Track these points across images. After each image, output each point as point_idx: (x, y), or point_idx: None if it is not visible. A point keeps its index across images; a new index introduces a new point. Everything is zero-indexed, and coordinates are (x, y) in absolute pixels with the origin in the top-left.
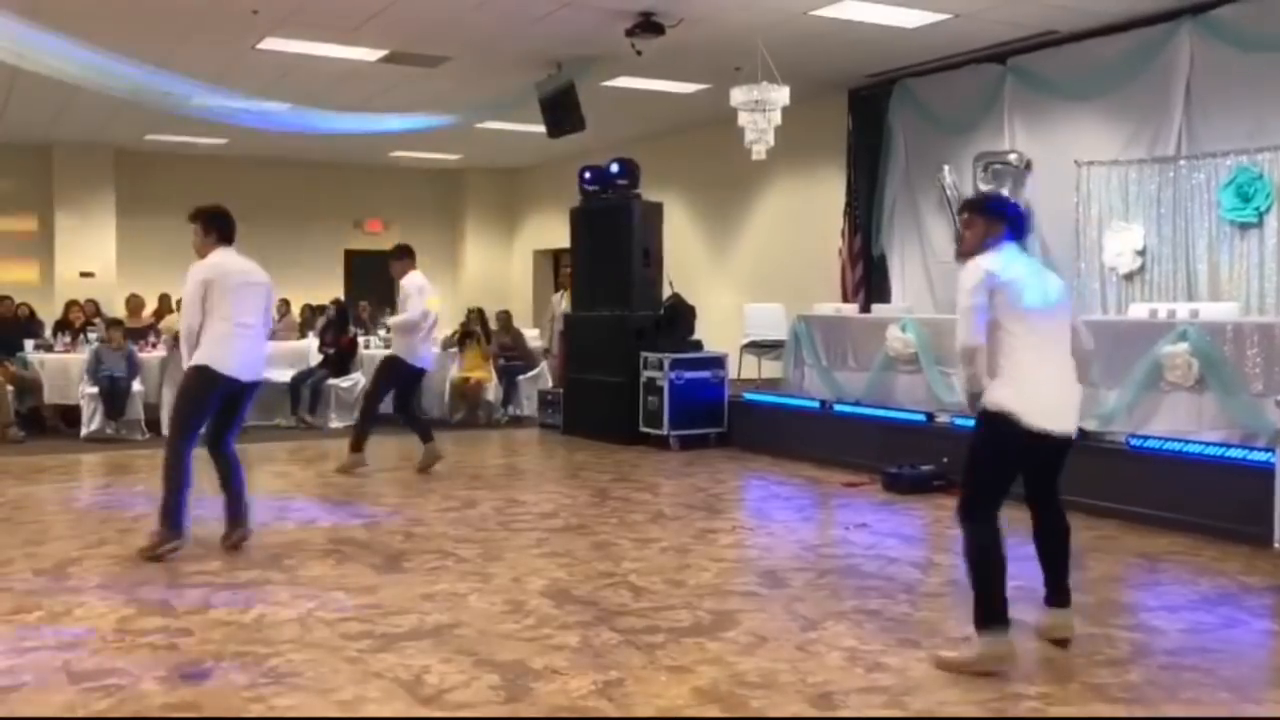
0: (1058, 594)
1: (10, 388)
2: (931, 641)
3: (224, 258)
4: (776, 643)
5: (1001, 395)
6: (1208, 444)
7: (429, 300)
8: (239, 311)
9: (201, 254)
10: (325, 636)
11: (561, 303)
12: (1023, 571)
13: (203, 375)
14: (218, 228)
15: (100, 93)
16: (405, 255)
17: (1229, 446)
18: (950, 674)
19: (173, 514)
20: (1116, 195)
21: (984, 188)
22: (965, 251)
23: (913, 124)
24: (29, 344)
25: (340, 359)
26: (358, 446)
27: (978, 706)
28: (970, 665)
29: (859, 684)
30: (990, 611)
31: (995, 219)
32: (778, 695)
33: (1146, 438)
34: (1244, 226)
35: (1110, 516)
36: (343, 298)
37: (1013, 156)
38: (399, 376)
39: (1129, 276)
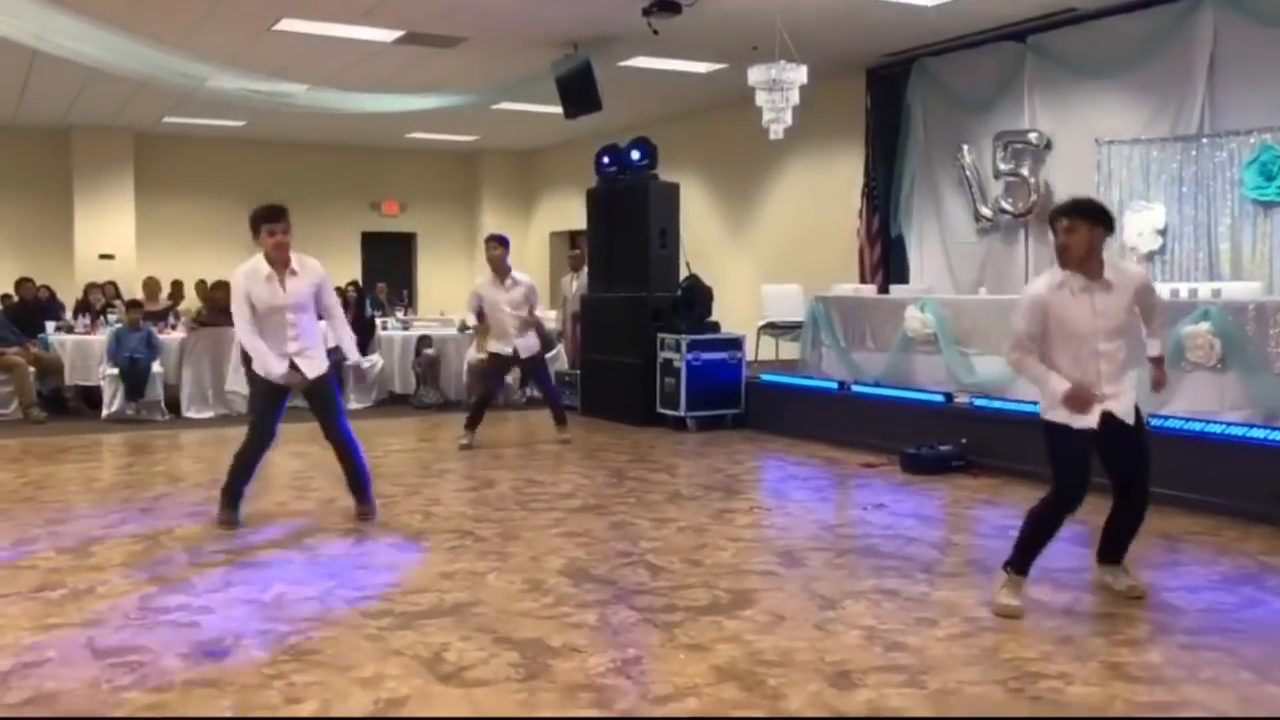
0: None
1: (32, 369)
2: (950, 621)
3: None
4: (794, 621)
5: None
6: (1229, 424)
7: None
8: None
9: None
10: (345, 614)
11: (572, 285)
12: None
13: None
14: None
15: (118, 75)
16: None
17: (1251, 426)
18: (969, 652)
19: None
20: (1138, 174)
21: (1003, 167)
22: (1076, 259)
23: (932, 103)
24: (50, 325)
25: (358, 340)
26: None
27: (996, 686)
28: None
29: (877, 663)
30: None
31: (1101, 222)
32: (796, 673)
33: (1167, 418)
34: (1267, 205)
35: None
36: (360, 280)
37: (1033, 135)
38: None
39: (1150, 256)
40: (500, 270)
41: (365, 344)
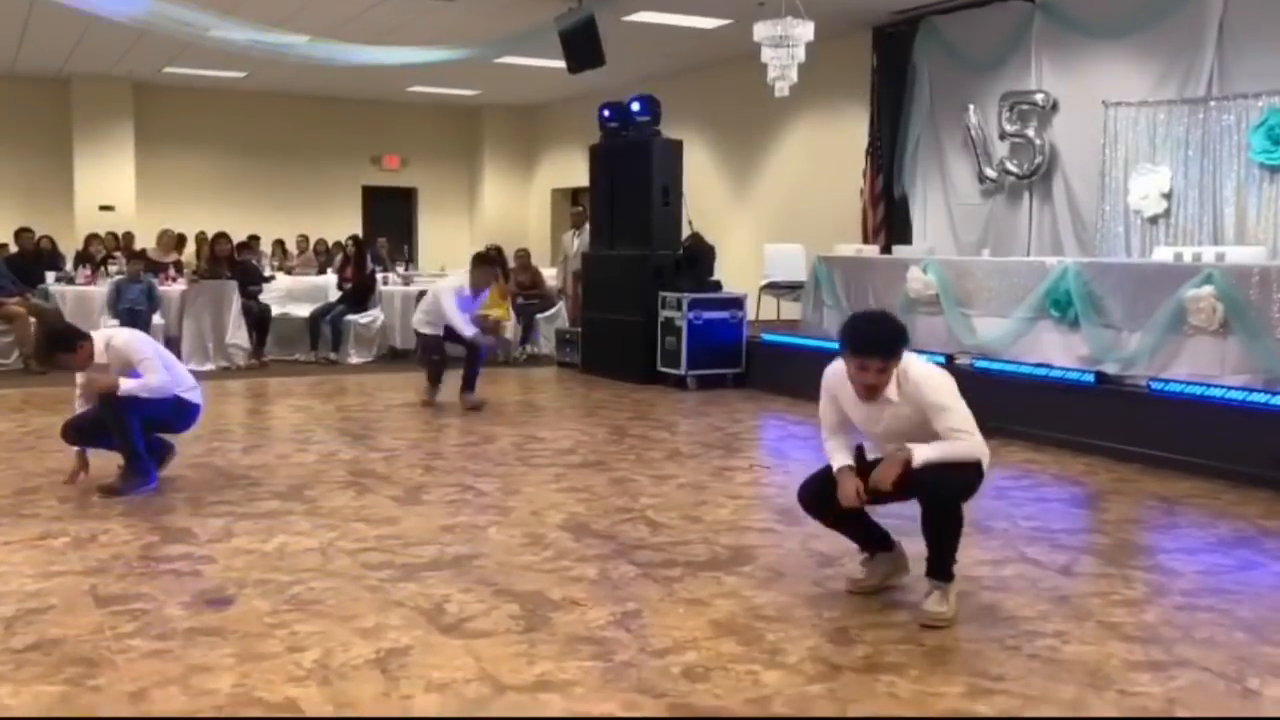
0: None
1: (33, 319)
2: None
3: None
4: (793, 578)
5: None
6: (1230, 388)
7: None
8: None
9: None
10: (346, 565)
11: (573, 242)
12: (1042, 512)
13: None
14: (76, 334)
15: (117, 23)
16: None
17: (1251, 391)
18: (966, 610)
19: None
20: (1144, 137)
21: (1009, 128)
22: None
23: (938, 63)
24: (50, 276)
25: (358, 294)
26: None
27: (993, 643)
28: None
29: (875, 620)
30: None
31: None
32: (794, 629)
33: (1168, 381)
34: (1273, 169)
35: (1130, 460)
36: (360, 234)
37: (1039, 97)
38: None
39: (1154, 219)
40: None
41: (366, 299)
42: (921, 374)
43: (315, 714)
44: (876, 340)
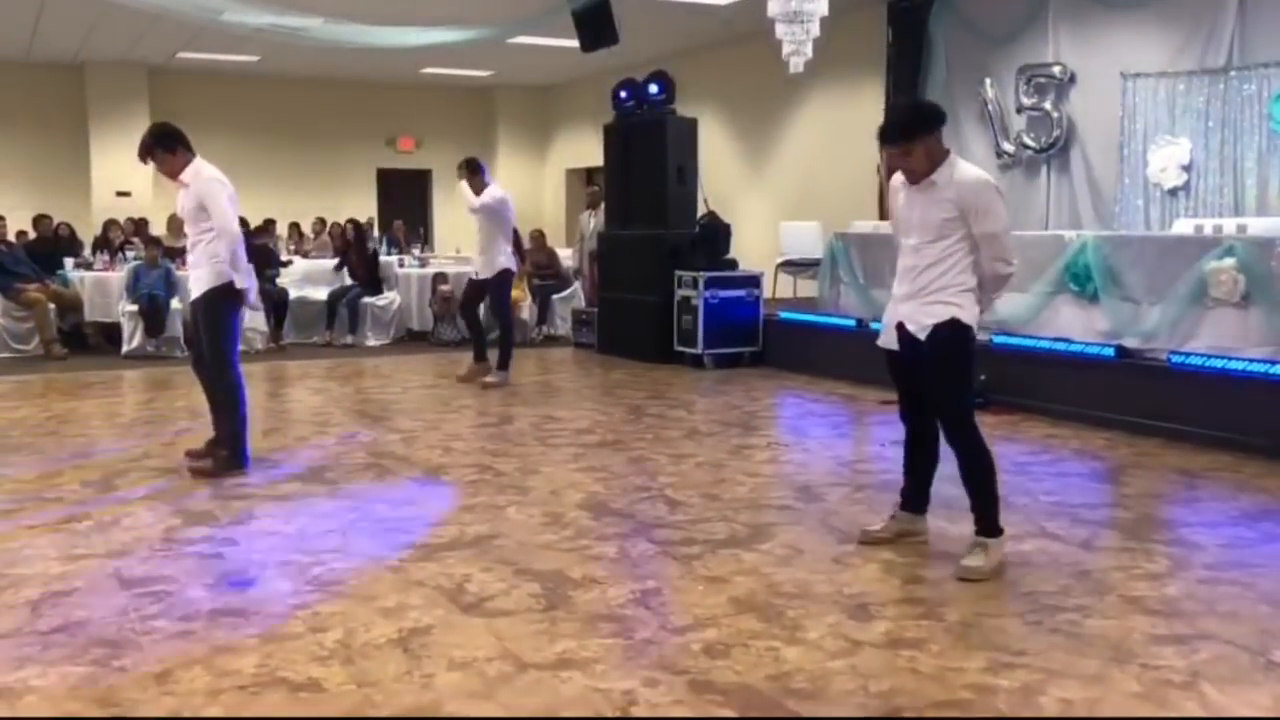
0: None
1: (52, 306)
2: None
3: (212, 168)
4: (812, 555)
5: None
6: (1252, 361)
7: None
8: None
9: (176, 173)
10: (367, 547)
11: (590, 222)
12: (1062, 487)
13: (233, 292)
14: (182, 141)
15: (131, 8)
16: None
17: (1273, 363)
18: (980, 584)
19: (242, 444)
20: (1163, 109)
21: (1026, 101)
22: (920, 175)
23: (954, 36)
24: (69, 262)
25: (371, 277)
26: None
27: (1015, 618)
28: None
29: (895, 595)
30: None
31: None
32: (814, 605)
33: (1189, 355)
34: None
35: (1151, 434)
36: (372, 216)
37: (1056, 69)
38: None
39: (1173, 192)
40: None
41: (378, 280)
42: (969, 175)
43: (338, 693)
44: (889, 126)
